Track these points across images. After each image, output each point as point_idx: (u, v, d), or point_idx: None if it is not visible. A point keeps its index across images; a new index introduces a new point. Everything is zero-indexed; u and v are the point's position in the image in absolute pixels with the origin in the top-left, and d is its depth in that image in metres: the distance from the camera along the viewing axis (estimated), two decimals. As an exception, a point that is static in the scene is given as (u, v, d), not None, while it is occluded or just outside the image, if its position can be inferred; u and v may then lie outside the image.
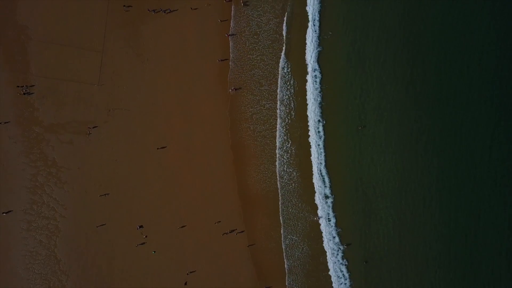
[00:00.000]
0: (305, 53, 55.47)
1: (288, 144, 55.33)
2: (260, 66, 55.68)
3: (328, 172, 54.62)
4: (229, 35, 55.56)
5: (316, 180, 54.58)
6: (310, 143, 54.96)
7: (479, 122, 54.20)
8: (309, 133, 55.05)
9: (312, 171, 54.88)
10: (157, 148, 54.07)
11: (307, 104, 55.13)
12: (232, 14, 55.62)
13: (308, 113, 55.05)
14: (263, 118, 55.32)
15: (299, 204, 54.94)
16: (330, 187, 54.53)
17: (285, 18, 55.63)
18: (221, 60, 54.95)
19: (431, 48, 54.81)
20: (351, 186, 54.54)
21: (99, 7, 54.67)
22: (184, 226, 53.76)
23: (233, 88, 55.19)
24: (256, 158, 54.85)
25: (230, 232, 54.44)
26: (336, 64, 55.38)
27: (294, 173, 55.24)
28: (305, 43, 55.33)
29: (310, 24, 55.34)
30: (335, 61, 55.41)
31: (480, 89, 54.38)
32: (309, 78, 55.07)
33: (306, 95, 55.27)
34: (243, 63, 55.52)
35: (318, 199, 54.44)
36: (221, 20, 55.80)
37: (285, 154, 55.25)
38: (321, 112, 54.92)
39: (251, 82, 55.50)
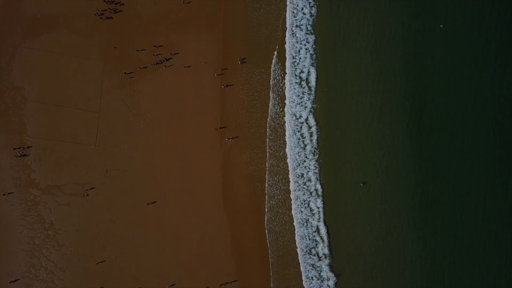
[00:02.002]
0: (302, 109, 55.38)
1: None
2: (261, 124, 55.18)
3: (327, 231, 54.24)
4: (226, 86, 55.04)
5: (304, 241, 54.16)
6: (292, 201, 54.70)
7: (480, 183, 53.80)
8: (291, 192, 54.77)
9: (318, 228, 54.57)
10: (147, 204, 53.54)
11: (304, 161, 54.99)
12: (229, 71, 55.30)
13: (290, 178, 54.83)
14: (263, 176, 54.88)
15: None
16: (329, 246, 54.13)
17: (271, 77, 55.36)
18: (220, 128, 54.53)
19: (432, 103, 54.62)
20: (351, 245, 54.07)
21: (95, 67, 54.26)
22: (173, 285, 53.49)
23: (230, 137, 54.80)
24: (259, 216, 54.58)
25: (231, 283, 54.04)
26: (333, 120, 55.03)
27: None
28: (298, 100, 55.28)
29: (289, 77, 55.14)
30: (331, 116, 55.07)
31: (482, 149, 53.99)
32: (288, 136, 54.96)
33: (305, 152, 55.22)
34: (242, 121, 55.03)
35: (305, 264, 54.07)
36: (217, 74, 55.38)
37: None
38: (319, 170, 54.54)
39: (253, 140, 54.97)
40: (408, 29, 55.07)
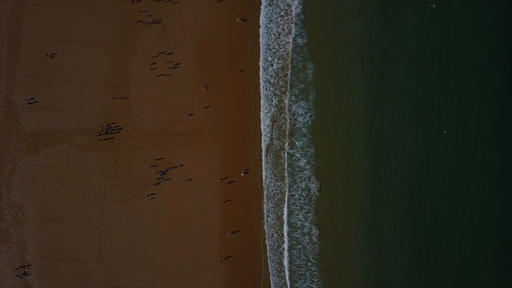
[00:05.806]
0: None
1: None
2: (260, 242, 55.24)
3: None
4: (227, 183, 54.69)
5: None
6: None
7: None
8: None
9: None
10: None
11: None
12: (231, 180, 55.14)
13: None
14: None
15: None
16: None
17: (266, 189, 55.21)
18: (225, 258, 54.00)
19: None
20: None
21: (96, 182, 53.88)
22: None
23: (231, 232, 54.46)
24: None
25: None
26: (334, 230, 55.05)
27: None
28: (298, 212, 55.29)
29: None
30: (333, 226, 55.07)
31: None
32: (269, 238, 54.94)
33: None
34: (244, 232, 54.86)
35: None
36: (221, 179, 54.98)
37: None
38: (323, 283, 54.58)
39: (253, 253, 54.87)
40: (409, 135, 55.40)
